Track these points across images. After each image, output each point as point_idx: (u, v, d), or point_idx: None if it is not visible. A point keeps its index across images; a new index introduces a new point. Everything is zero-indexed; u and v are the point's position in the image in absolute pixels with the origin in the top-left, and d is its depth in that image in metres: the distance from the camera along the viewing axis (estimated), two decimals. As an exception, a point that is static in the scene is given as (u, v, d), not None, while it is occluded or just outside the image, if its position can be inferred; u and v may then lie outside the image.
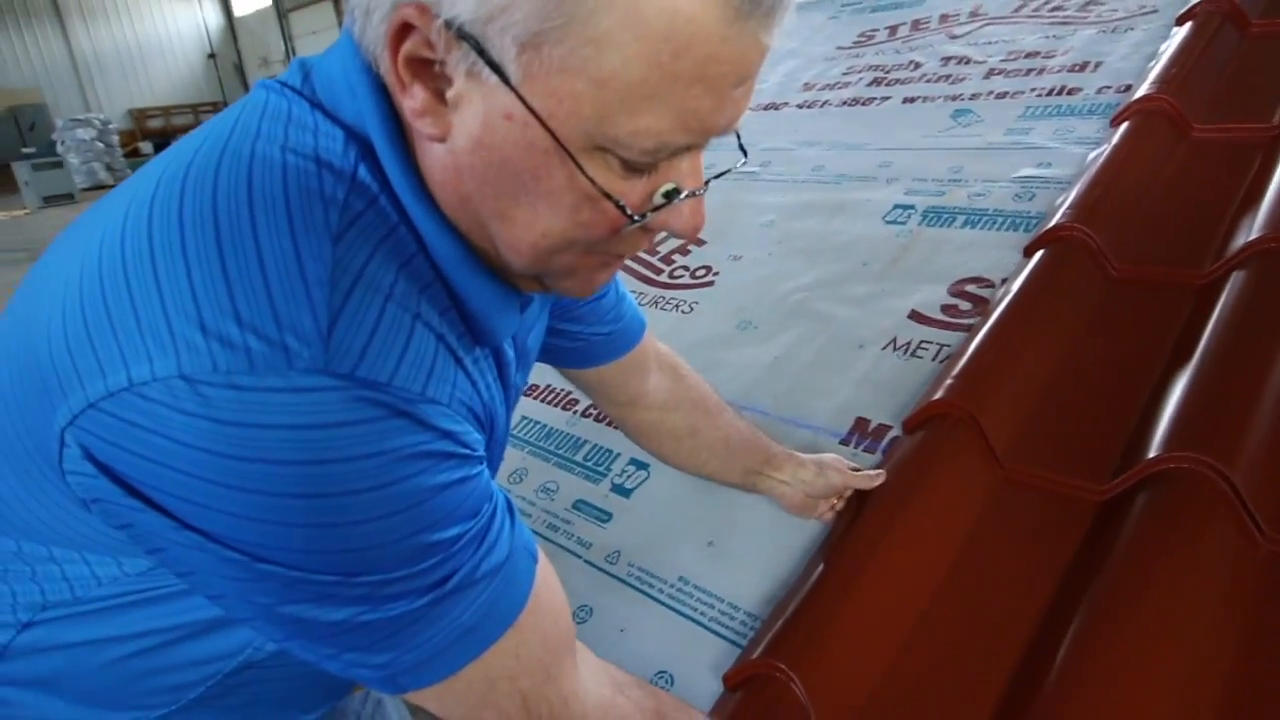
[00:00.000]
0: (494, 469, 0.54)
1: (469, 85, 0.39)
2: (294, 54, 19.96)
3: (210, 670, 0.53)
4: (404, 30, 0.38)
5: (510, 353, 0.55)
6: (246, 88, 22.32)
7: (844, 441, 0.99)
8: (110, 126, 15.14)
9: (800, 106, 1.89)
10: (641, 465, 1.07)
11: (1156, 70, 1.35)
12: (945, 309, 1.13)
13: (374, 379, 0.38)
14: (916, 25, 2.04)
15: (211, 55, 21.92)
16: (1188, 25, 1.46)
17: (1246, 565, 0.67)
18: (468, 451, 0.43)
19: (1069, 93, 1.50)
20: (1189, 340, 0.87)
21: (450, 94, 0.40)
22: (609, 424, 1.15)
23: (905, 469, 0.85)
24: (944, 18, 2.02)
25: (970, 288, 1.15)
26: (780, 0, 0.38)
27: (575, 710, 0.51)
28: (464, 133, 0.41)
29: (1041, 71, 1.60)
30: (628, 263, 1.54)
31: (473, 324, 0.47)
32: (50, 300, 0.41)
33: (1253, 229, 0.96)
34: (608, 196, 0.41)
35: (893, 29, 2.08)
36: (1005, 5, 1.95)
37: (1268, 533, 0.68)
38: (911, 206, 1.37)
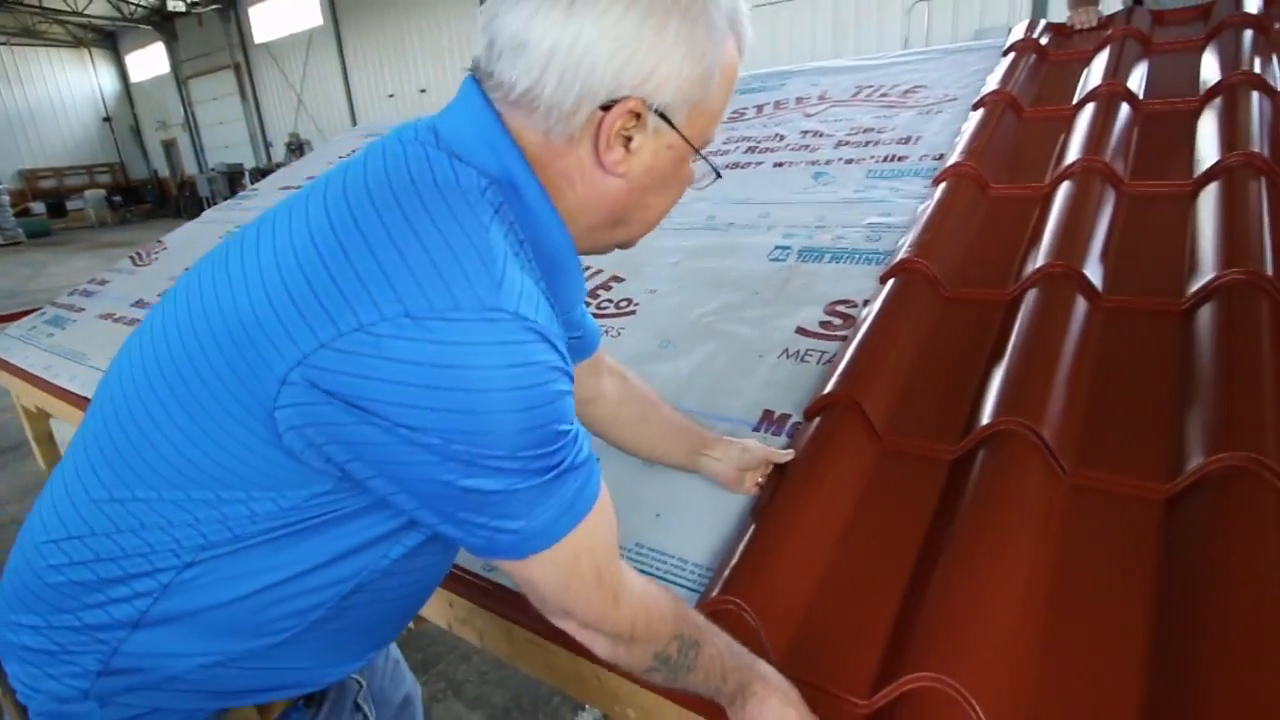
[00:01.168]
0: None
1: (648, 137, 0.56)
2: (194, 118, 18.80)
3: (328, 595, 0.59)
4: (623, 116, 0.54)
5: None
6: (144, 150, 20.76)
7: (755, 429, 1.11)
8: (1, 187, 13.72)
9: (691, 169, 2.06)
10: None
11: (962, 143, 1.60)
12: (823, 324, 1.29)
13: (527, 315, 0.50)
14: (778, 105, 2.27)
15: (107, 119, 20.28)
16: (981, 110, 1.72)
17: (1055, 493, 0.84)
18: (569, 369, 0.55)
19: (899, 160, 1.73)
20: (1003, 338, 1.05)
21: (634, 145, 0.56)
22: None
23: (811, 445, 0.98)
24: (799, 99, 2.25)
25: (840, 307, 1.32)
26: None
27: (628, 584, 0.62)
28: (639, 166, 0.57)
29: (877, 143, 1.83)
30: (558, 298, 1.62)
31: (551, 295, 0.60)
32: (251, 282, 0.51)
33: (1038, 259, 1.17)
34: (714, 168, 0.63)
35: (759, 108, 2.30)
36: (845, 91, 2.20)
37: (1068, 470, 0.86)
38: (789, 247, 1.54)
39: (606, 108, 0.53)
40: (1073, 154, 1.43)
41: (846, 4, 8.43)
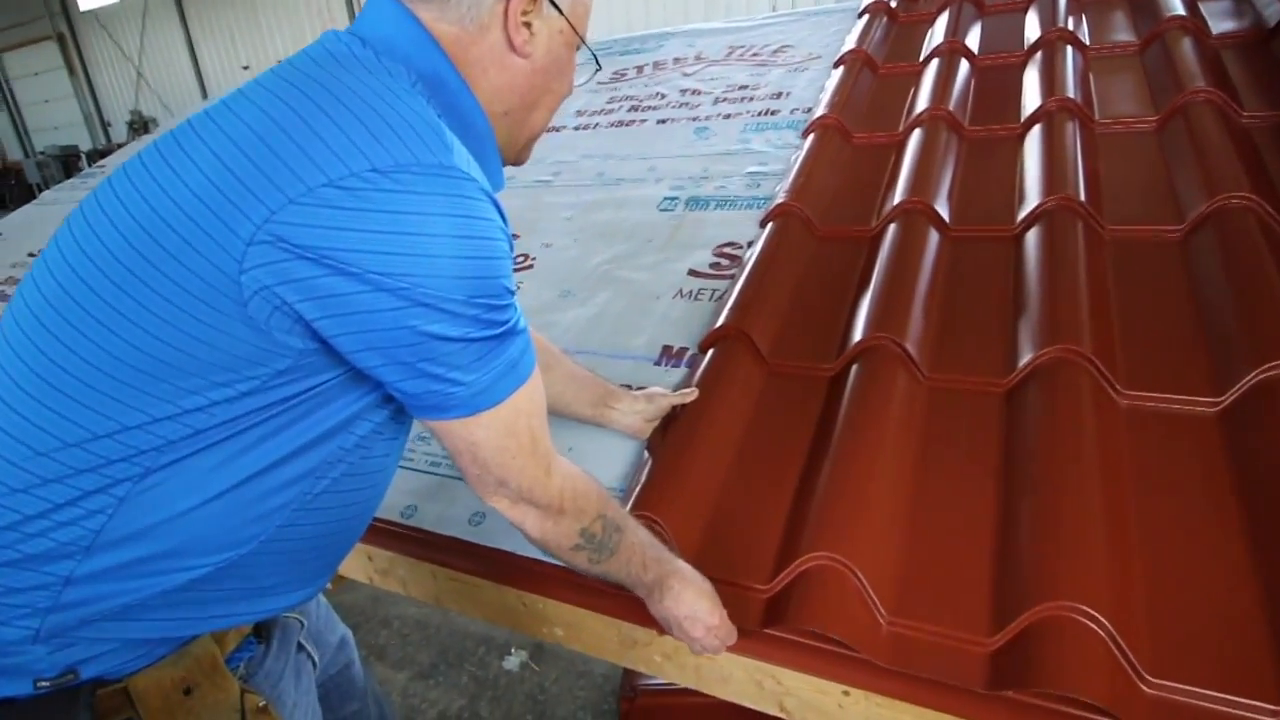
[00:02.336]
0: None
1: (542, 21, 0.63)
2: (12, 96, 16.55)
3: (292, 494, 0.60)
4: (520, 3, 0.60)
5: None
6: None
7: (656, 363, 1.17)
8: None
9: (577, 129, 2.07)
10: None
11: (826, 98, 1.70)
12: (712, 266, 1.36)
13: (476, 178, 0.55)
14: (657, 66, 2.31)
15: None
16: (841, 68, 1.84)
17: (916, 395, 0.95)
18: (511, 243, 0.59)
19: (771, 114, 1.82)
20: (869, 268, 1.16)
21: (534, 29, 0.63)
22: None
23: (707, 374, 1.05)
24: (677, 60, 2.30)
25: (727, 249, 1.39)
26: None
27: (557, 457, 0.66)
28: (540, 48, 0.64)
29: (752, 99, 1.92)
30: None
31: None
32: (190, 173, 0.52)
33: (896, 198, 1.29)
34: (594, 55, 0.76)
35: (639, 68, 2.33)
36: (720, 52, 2.27)
37: (926, 374, 0.97)
38: (677, 198, 1.60)
39: None
40: (921, 105, 1.56)
41: (715, -28, 8.54)
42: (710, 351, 1.09)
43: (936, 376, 0.97)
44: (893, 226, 1.23)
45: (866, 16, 2.09)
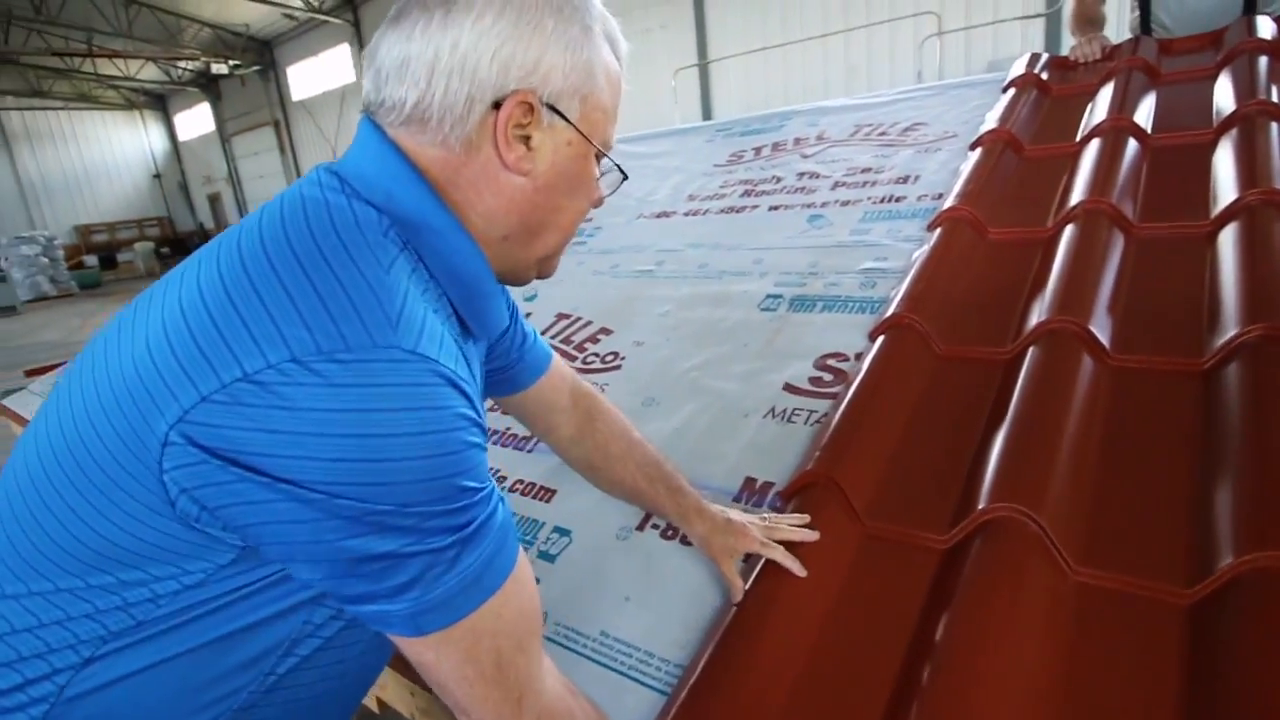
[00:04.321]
0: None
1: (545, 132, 0.55)
2: (237, 173, 19.48)
3: (252, 675, 0.54)
4: (515, 110, 0.53)
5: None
6: (191, 204, 21.53)
7: (736, 499, 1.01)
8: (55, 242, 14.29)
9: (687, 215, 1.99)
10: (564, 532, 1.06)
11: (959, 185, 1.50)
12: (812, 381, 1.19)
13: (429, 355, 0.47)
14: (776, 147, 2.19)
15: (157, 175, 21.14)
16: (979, 150, 1.62)
17: (1060, 590, 0.72)
18: (482, 423, 0.51)
19: (895, 200, 1.64)
20: (1001, 404, 0.94)
21: (534, 143, 0.55)
22: (536, 496, 1.15)
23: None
24: (797, 140, 2.18)
25: (831, 361, 1.22)
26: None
27: (536, 687, 0.53)
28: (543, 163, 0.56)
29: (874, 184, 1.74)
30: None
31: (472, 322, 0.59)
32: (138, 345, 0.47)
33: (1041, 312, 1.06)
34: (617, 165, 0.64)
35: (758, 149, 2.23)
36: (843, 131, 2.12)
37: (1073, 566, 0.74)
38: (780, 296, 1.45)
39: (498, 105, 0.53)
40: (1077, 194, 1.32)
41: (858, 42, 8.41)
42: (793, 503, 0.91)
43: (1089, 572, 0.73)
44: (1035, 349, 1.01)
45: (1013, 90, 1.87)
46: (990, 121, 1.73)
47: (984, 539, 0.77)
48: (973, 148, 1.66)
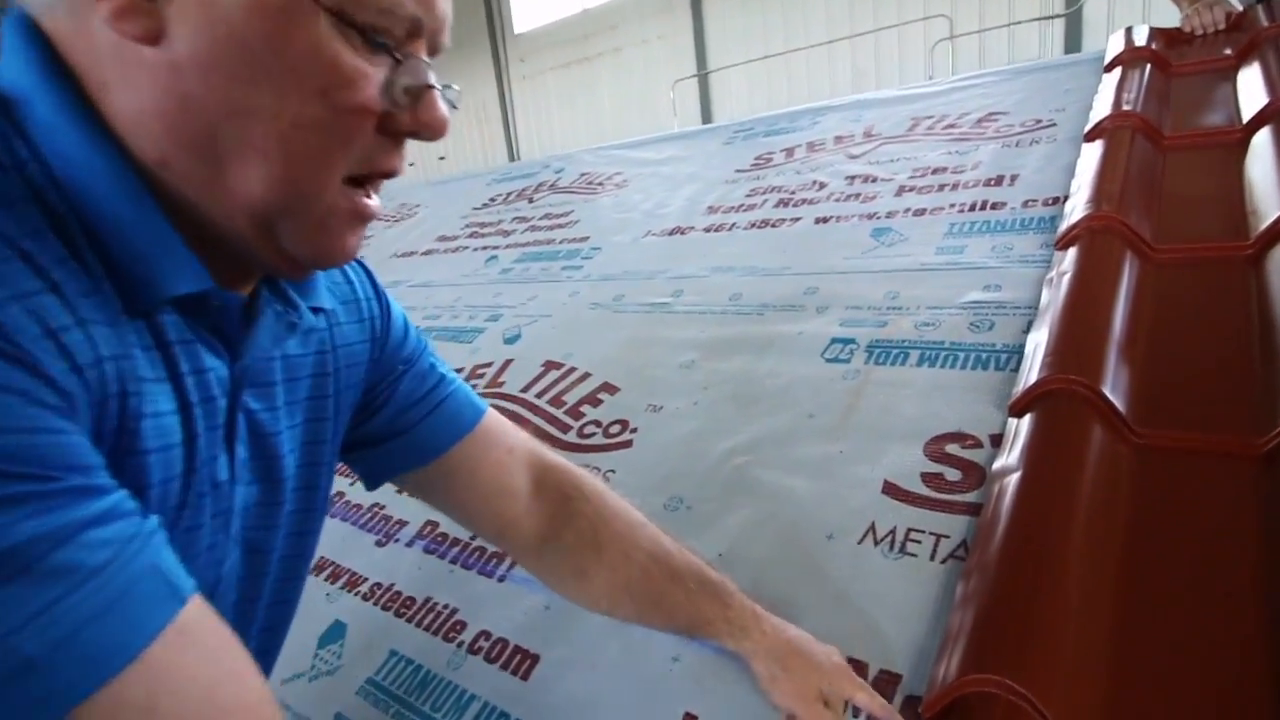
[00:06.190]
0: (191, 511, 0.39)
1: None
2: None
3: None
4: None
5: (220, 365, 0.40)
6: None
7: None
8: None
9: (707, 230, 1.59)
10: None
11: (1088, 186, 1.10)
12: (929, 481, 0.78)
13: None
14: (812, 147, 1.81)
15: None
16: (1099, 141, 1.23)
17: None
18: (55, 402, 0.29)
19: (993, 207, 1.24)
20: (1243, 509, 0.54)
21: None
22: (505, 665, 0.74)
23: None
24: (839, 139, 1.79)
25: (951, 448, 0.81)
26: None
27: None
28: (182, 20, 0.32)
29: (956, 186, 1.35)
30: (530, 417, 1.15)
31: (122, 279, 0.34)
32: None
33: (1277, 368, 0.66)
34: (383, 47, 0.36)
35: (789, 151, 1.84)
36: (897, 126, 1.73)
37: None
38: (853, 341, 1.04)
39: None
40: (1272, 196, 0.93)
41: (864, 48, 8.09)
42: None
43: None
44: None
45: (1119, 68, 1.48)
46: (1102, 105, 1.34)
47: None
48: (1089, 138, 1.26)
